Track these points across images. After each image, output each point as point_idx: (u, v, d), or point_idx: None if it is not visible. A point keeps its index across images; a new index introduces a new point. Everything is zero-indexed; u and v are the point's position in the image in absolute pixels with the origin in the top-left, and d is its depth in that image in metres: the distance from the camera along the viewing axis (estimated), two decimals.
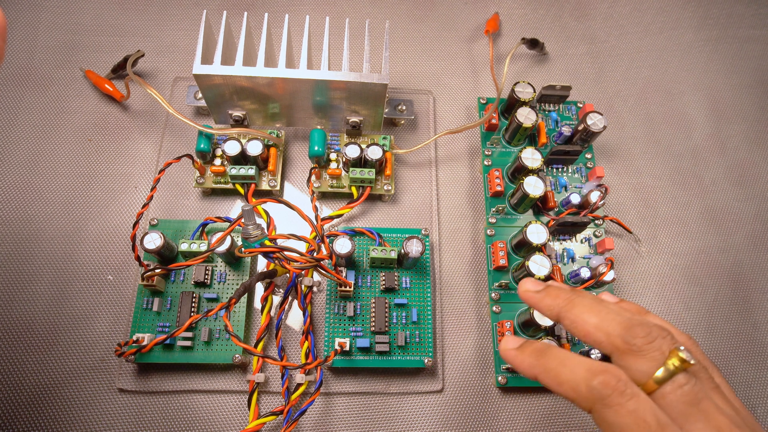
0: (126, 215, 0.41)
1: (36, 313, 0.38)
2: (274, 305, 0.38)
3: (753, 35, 0.55)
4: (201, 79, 0.37)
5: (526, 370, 0.24)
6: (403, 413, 0.38)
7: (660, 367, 0.21)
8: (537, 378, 0.23)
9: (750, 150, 0.50)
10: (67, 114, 0.44)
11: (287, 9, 0.50)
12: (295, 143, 0.45)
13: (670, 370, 0.20)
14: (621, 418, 0.20)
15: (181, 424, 0.36)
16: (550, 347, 0.24)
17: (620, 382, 0.20)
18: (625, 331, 0.22)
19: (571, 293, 0.25)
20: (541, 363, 0.23)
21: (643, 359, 0.21)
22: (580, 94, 0.49)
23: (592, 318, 0.23)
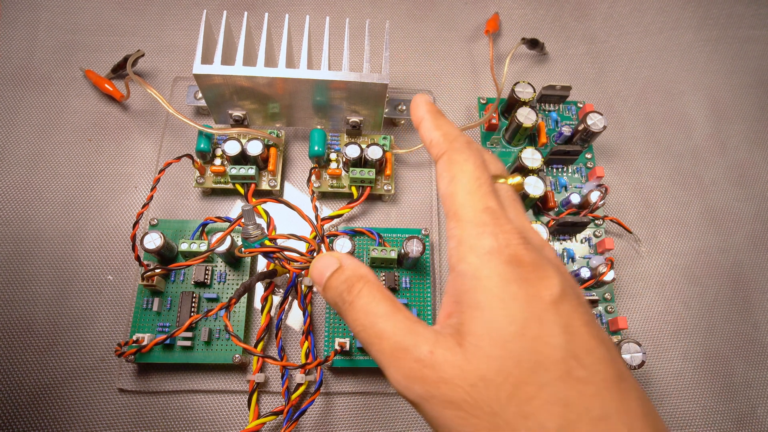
0: (126, 215, 0.41)
1: (36, 313, 0.38)
2: (274, 305, 0.38)
3: (753, 35, 0.55)
4: (201, 79, 0.37)
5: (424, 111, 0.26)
6: (403, 413, 0.38)
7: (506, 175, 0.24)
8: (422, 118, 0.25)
9: (750, 150, 0.50)
10: (67, 114, 0.44)
11: (287, 9, 0.50)
12: (295, 143, 0.45)
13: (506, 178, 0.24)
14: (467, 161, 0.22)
15: (181, 424, 0.36)
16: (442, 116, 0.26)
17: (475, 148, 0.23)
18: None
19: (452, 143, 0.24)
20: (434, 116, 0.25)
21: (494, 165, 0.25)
22: (580, 94, 0.49)
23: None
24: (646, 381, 0.40)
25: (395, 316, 0.20)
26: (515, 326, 0.18)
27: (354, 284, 0.22)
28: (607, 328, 0.40)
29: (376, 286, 0.22)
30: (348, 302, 0.22)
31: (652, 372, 0.40)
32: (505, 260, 0.19)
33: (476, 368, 0.18)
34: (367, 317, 0.21)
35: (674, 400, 0.40)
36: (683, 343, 0.42)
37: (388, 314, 0.21)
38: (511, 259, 0.19)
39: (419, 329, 0.20)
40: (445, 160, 0.23)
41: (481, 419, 0.17)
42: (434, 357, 0.19)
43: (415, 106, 0.26)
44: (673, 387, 0.40)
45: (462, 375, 0.18)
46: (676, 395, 0.40)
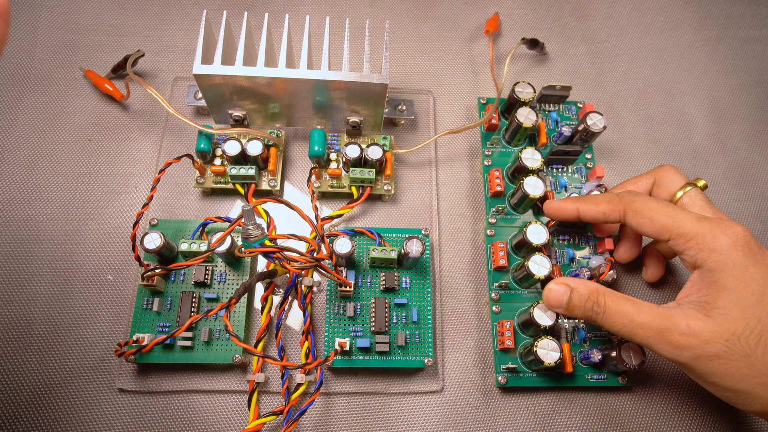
0: (126, 215, 0.41)
1: (36, 313, 0.38)
2: (274, 305, 0.38)
3: (753, 35, 0.55)
4: (201, 79, 0.37)
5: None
6: (403, 413, 0.38)
7: (688, 183, 0.35)
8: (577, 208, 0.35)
9: (750, 150, 0.50)
10: (67, 114, 0.44)
11: (287, 9, 0.50)
12: (295, 143, 0.45)
13: (695, 184, 0.35)
14: (648, 202, 0.31)
15: (181, 424, 0.36)
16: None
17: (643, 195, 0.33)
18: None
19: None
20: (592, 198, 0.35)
21: (675, 176, 0.38)
22: (580, 94, 0.49)
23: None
24: (646, 380, 0.40)
25: (642, 309, 0.28)
26: (755, 297, 0.26)
27: (597, 298, 0.30)
28: None
29: (612, 292, 0.30)
30: (600, 313, 0.29)
31: (652, 372, 0.40)
32: (741, 250, 0.27)
33: (727, 329, 0.25)
34: (624, 316, 0.28)
35: (674, 399, 0.40)
36: None
37: (636, 310, 0.28)
38: (745, 247, 0.27)
39: (668, 312, 0.28)
40: (631, 214, 0.31)
41: (738, 361, 0.25)
42: (692, 328, 0.26)
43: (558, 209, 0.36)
44: (674, 386, 0.40)
45: (717, 334, 0.25)
46: (676, 394, 0.40)
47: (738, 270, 0.26)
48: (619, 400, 0.39)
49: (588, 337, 0.39)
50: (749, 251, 0.27)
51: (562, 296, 0.31)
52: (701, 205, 0.34)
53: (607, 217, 0.33)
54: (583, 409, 0.39)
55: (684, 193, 0.34)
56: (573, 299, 0.30)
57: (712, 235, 0.28)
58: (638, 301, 0.29)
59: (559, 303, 0.31)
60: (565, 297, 0.31)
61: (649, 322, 0.28)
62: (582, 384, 0.38)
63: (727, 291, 0.26)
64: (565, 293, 0.31)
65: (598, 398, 0.39)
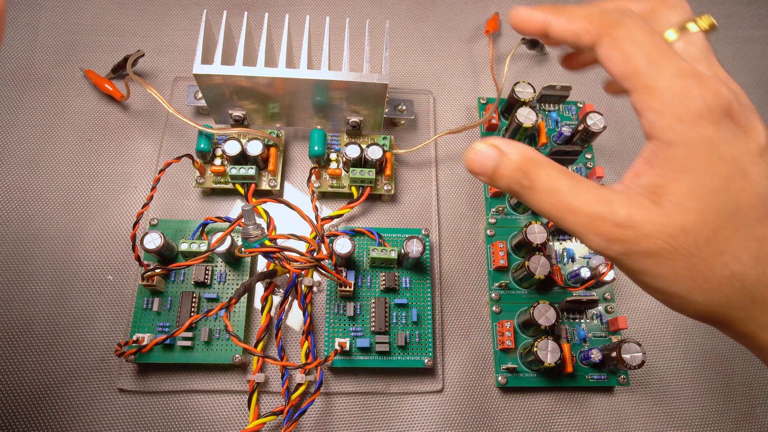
0: (126, 215, 0.41)
1: (36, 313, 0.38)
2: (274, 305, 0.38)
3: (753, 35, 0.55)
4: (201, 79, 0.37)
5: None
6: (403, 413, 0.38)
7: (688, 18, 0.23)
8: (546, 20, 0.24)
9: None
10: (67, 114, 0.44)
11: (287, 9, 0.50)
12: (295, 143, 0.45)
13: (696, 22, 0.23)
14: (634, 31, 0.21)
15: (181, 424, 0.36)
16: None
17: (636, 15, 0.22)
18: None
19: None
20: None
21: (674, 10, 0.23)
22: (580, 94, 0.49)
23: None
24: (646, 381, 0.40)
25: (580, 189, 0.22)
26: (719, 182, 0.19)
27: (528, 169, 0.23)
28: (607, 328, 0.40)
29: (550, 164, 0.23)
30: (528, 187, 0.23)
31: (652, 372, 0.40)
32: (715, 121, 0.20)
33: (675, 221, 0.19)
34: (555, 196, 0.22)
35: (674, 399, 0.40)
36: (683, 342, 0.42)
37: (572, 189, 0.22)
38: (723, 118, 0.20)
39: (609, 196, 0.21)
40: (606, 43, 0.22)
41: (678, 261, 0.20)
42: (632, 219, 0.20)
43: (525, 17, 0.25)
44: (673, 387, 0.40)
45: (662, 229, 0.20)
46: (676, 395, 0.40)
47: (704, 147, 0.20)
48: (619, 400, 0.39)
49: (588, 337, 0.39)
50: (726, 124, 0.20)
51: (489, 161, 0.23)
52: (695, 54, 0.23)
53: (579, 39, 0.24)
54: (583, 409, 0.39)
55: (679, 36, 0.23)
56: (500, 167, 0.23)
57: (686, 96, 0.20)
58: (579, 179, 0.22)
59: (484, 169, 0.24)
60: (491, 162, 0.23)
61: (581, 207, 0.21)
62: (582, 384, 0.38)
63: (685, 173, 0.20)
64: (493, 158, 0.23)
65: (598, 398, 0.39)
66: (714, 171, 0.19)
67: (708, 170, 0.20)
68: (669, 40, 0.23)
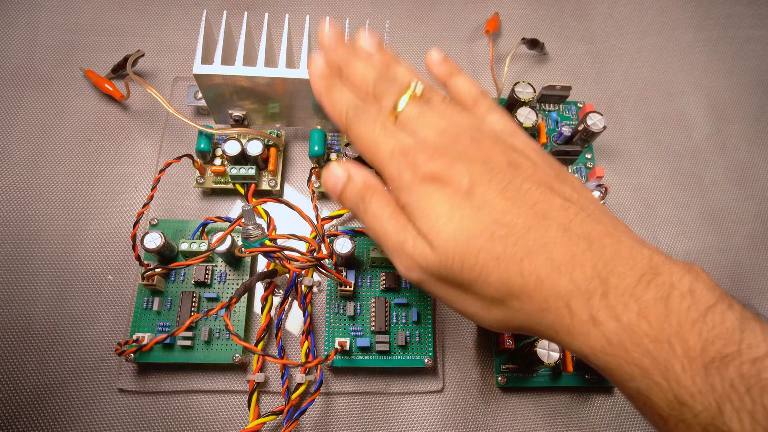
0: (126, 215, 0.41)
1: (36, 312, 0.38)
2: (274, 305, 0.38)
3: (753, 35, 0.55)
4: (201, 79, 0.37)
5: (317, 96, 0.30)
6: (403, 413, 0.38)
7: (398, 99, 0.26)
8: (322, 103, 0.29)
9: (750, 150, 0.50)
10: (67, 114, 0.44)
11: (287, 9, 0.50)
12: (295, 143, 0.45)
13: (406, 97, 0.26)
14: (359, 127, 0.26)
15: (181, 424, 0.36)
16: (339, 85, 0.29)
17: (365, 109, 0.27)
18: (375, 82, 0.28)
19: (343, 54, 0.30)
20: (328, 93, 0.29)
21: (387, 99, 0.27)
22: (580, 94, 0.49)
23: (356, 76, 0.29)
24: None
25: (397, 217, 0.25)
26: (444, 219, 0.23)
27: (365, 195, 0.26)
28: None
29: (381, 191, 0.26)
30: (362, 210, 0.26)
31: None
32: (421, 181, 0.24)
33: (436, 256, 0.23)
34: (377, 221, 0.25)
35: None
36: None
37: (391, 216, 0.25)
38: (425, 178, 0.24)
39: (409, 227, 0.25)
40: (349, 137, 0.28)
41: (455, 287, 0.24)
42: (415, 250, 0.24)
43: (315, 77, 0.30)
44: None
45: (431, 262, 0.23)
46: None
47: (422, 200, 0.24)
48: (619, 400, 0.39)
49: None
50: (431, 179, 0.24)
51: (339, 182, 0.27)
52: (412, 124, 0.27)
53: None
54: (583, 409, 0.39)
55: (394, 119, 0.27)
56: (346, 189, 0.27)
57: (397, 175, 0.25)
58: (399, 212, 0.25)
59: (334, 189, 0.27)
60: (340, 184, 0.27)
61: (393, 232, 0.25)
62: (582, 384, 0.39)
63: (420, 221, 0.24)
64: (342, 180, 0.27)
65: (598, 398, 0.39)
66: (440, 213, 0.23)
67: (436, 214, 0.23)
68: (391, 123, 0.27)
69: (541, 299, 0.22)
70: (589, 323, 0.20)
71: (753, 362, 0.18)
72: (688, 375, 0.18)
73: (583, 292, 0.21)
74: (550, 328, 0.22)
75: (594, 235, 0.22)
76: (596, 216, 0.23)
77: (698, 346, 0.18)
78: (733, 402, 0.17)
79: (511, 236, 0.22)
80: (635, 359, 0.19)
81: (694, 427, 0.18)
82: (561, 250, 0.22)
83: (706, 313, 0.19)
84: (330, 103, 0.29)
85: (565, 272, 0.21)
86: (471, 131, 0.25)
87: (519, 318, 0.23)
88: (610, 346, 0.20)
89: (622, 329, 0.20)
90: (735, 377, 0.18)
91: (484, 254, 0.22)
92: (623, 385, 0.21)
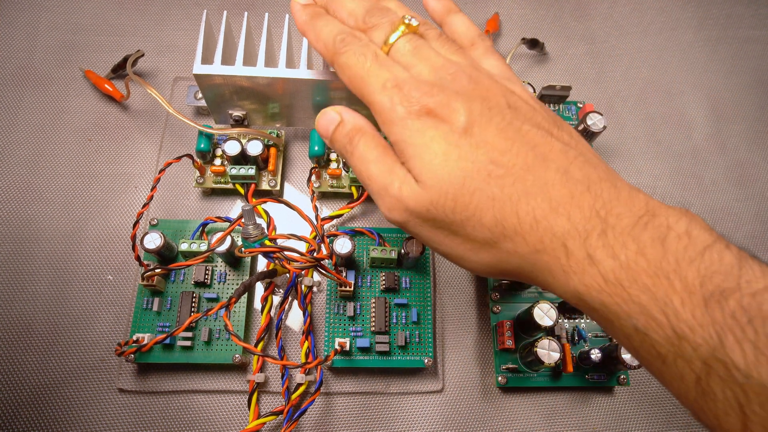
0: (126, 215, 0.41)
1: (36, 312, 0.38)
2: (273, 305, 0.38)
3: (753, 35, 0.55)
4: (201, 79, 0.37)
5: (300, 25, 0.29)
6: (403, 413, 0.38)
7: (390, 32, 0.26)
8: (305, 34, 0.29)
9: (750, 150, 0.50)
10: (67, 114, 0.44)
11: (288, 9, 0.50)
12: (295, 143, 0.45)
13: (399, 31, 0.26)
14: (348, 58, 0.26)
15: (181, 424, 0.36)
16: (325, 14, 0.29)
17: (356, 38, 0.26)
18: (365, 14, 0.27)
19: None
20: (312, 21, 0.28)
21: (379, 30, 0.26)
22: (580, 94, 0.49)
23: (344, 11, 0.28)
24: (646, 382, 0.40)
25: (383, 159, 0.25)
26: (440, 159, 0.23)
27: (353, 136, 0.26)
28: None
29: (371, 135, 0.26)
30: (349, 152, 0.26)
31: None
32: (416, 116, 0.23)
33: (427, 196, 0.23)
34: (363, 163, 0.25)
35: (674, 399, 0.40)
36: None
37: (377, 158, 0.25)
38: (421, 112, 0.23)
39: (396, 169, 0.24)
40: (336, 67, 0.27)
41: (443, 228, 0.23)
42: (401, 192, 0.24)
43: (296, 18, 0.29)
44: None
45: (420, 203, 0.23)
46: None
47: (416, 138, 0.23)
48: (618, 400, 0.39)
49: (588, 337, 0.39)
50: (427, 114, 0.23)
51: (331, 124, 0.27)
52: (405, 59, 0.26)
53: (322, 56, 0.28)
54: (583, 409, 0.39)
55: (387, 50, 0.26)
56: (336, 131, 0.27)
57: (389, 107, 0.24)
58: (386, 153, 0.25)
59: (325, 130, 0.27)
60: (332, 125, 0.27)
61: (378, 175, 0.25)
62: (582, 384, 0.39)
63: (413, 159, 0.23)
64: (334, 122, 0.27)
65: (598, 398, 0.39)
66: (433, 151, 0.23)
67: (429, 152, 0.23)
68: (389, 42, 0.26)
69: (536, 240, 0.21)
70: (586, 261, 0.20)
71: (753, 295, 0.18)
72: (688, 309, 0.18)
73: (581, 232, 0.21)
74: (545, 270, 0.22)
75: (593, 178, 0.22)
76: (594, 162, 0.23)
77: (697, 282, 0.18)
78: (735, 333, 0.17)
79: (508, 176, 0.22)
80: (633, 296, 0.19)
81: (694, 362, 0.18)
82: (560, 191, 0.22)
83: (704, 251, 0.19)
84: (315, 33, 0.28)
85: (563, 212, 0.21)
86: (469, 70, 0.25)
87: (512, 261, 0.23)
88: (607, 284, 0.20)
89: (620, 267, 0.20)
90: (736, 309, 0.17)
91: (479, 194, 0.22)
92: (620, 324, 0.20)
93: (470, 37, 0.29)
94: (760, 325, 0.17)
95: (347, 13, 0.28)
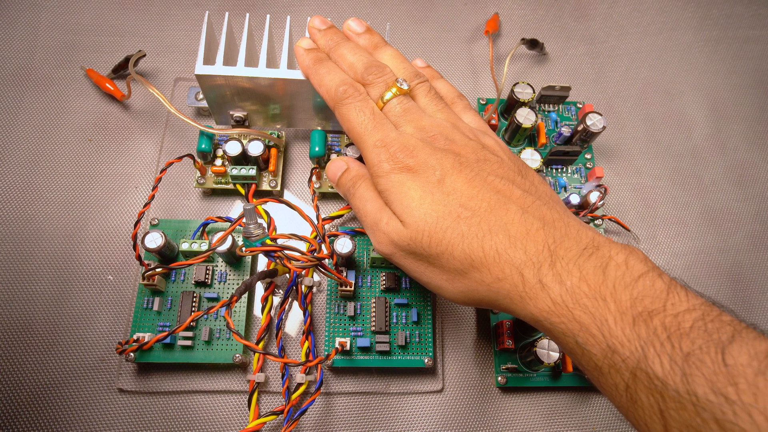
0: (127, 215, 0.41)
1: (36, 312, 0.38)
2: (274, 305, 0.38)
3: (753, 36, 0.55)
4: (203, 80, 0.37)
5: (304, 69, 0.34)
6: (403, 413, 0.38)
7: (385, 91, 0.30)
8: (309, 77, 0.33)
9: (750, 150, 0.50)
10: (68, 114, 0.44)
11: (289, 10, 0.50)
12: (296, 144, 0.45)
13: (392, 92, 0.30)
14: (349, 111, 0.30)
15: (181, 424, 0.36)
16: (328, 60, 0.33)
17: (356, 91, 0.30)
18: (364, 71, 0.31)
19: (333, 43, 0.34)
20: (316, 67, 0.32)
21: (375, 88, 0.31)
22: (580, 94, 0.49)
23: (344, 64, 0.32)
24: None
25: (378, 200, 0.29)
26: (416, 203, 0.27)
27: (356, 181, 0.31)
28: None
29: (370, 181, 0.30)
30: (352, 193, 0.31)
31: None
32: (399, 171, 0.28)
33: (407, 233, 0.27)
34: (361, 202, 0.30)
35: None
36: None
37: (373, 198, 0.29)
38: (402, 169, 0.28)
39: (386, 209, 0.29)
40: (337, 115, 0.31)
41: (423, 260, 0.27)
42: (388, 227, 0.28)
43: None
44: None
45: (402, 238, 0.27)
46: None
47: (397, 186, 0.28)
48: None
49: None
50: (408, 170, 0.28)
51: (338, 171, 0.32)
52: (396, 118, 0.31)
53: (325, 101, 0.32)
54: (583, 409, 0.39)
55: (382, 107, 0.31)
56: (343, 176, 0.32)
57: (377, 163, 0.28)
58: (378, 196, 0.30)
59: (333, 177, 0.32)
60: (339, 172, 0.32)
61: (371, 212, 0.29)
62: (582, 384, 0.39)
63: (396, 204, 0.28)
64: (341, 169, 0.32)
65: (598, 398, 0.39)
66: (412, 199, 0.27)
67: (409, 200, 0.27)
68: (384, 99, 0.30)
69: (498, 270, 0.25)
70: (538, 287, 0.24)
71: (675, 316, 0.20)
72: (619, 326, 0.21)
73: (534, 263, 0.24)
74: (507, 297, 0.25)
75: (547, 218, 0.26)
76: (550, 205, 0.27)
77: (629, 303, 0.21)
78: (655, 347, 0.20)
79: (475, 217, 0.26)
80: (575, 316, 0.22)
81: (623, 372, 0.21)
82: (518, 228, 0.25)
83: (638, 279, 0.22)
84: (318, 79, 0.32)
85: (520, 246, 0.25)
86: (448, 130, 0.29)
87: (480, 289, 0.26)
88: (555, 306, 0.23)
89: (566, 291, 0.23)
90: (658, 327, 0.20)
91: (450, 232, 0.26)
92: (565, 340, 0.23)
93: (451, 97, 0.33)
94: (677, 340, 0.20)
95: (347, 66, 0.32)
